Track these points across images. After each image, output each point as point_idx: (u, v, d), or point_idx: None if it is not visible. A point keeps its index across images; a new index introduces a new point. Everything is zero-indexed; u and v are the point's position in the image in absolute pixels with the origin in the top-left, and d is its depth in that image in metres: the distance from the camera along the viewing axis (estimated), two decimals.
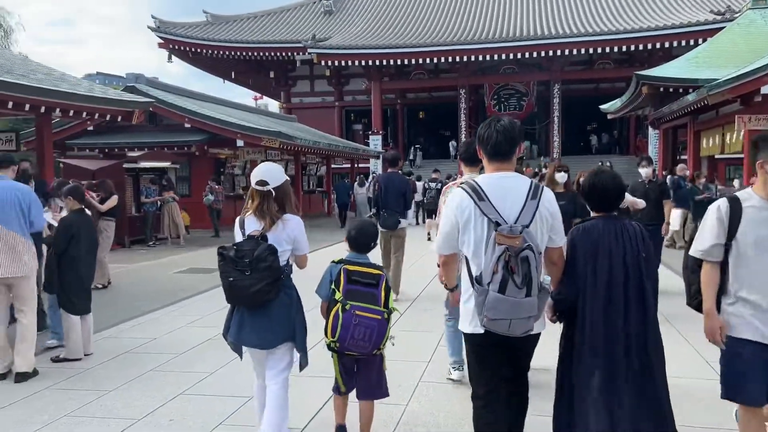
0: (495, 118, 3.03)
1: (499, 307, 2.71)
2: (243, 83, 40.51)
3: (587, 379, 2.94)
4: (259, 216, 3.44)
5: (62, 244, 5.61)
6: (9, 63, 10.69)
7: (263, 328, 3.44)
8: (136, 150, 17.72)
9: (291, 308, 3.51)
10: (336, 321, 3.34)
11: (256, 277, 3.30)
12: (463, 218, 2.89)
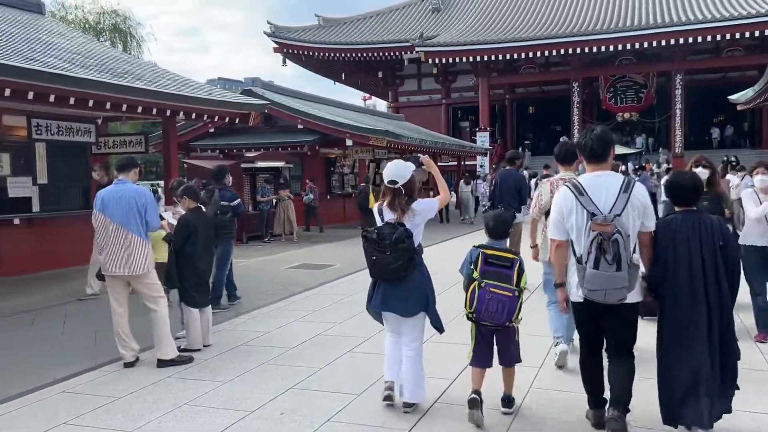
0: (590, 128, 3.75)
1: (595, 280, 3.45)
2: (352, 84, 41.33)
3: (673, 349, 3.56)
4: (392, 209, 4.18)
5: (180, 241, 5.92)
6: (140, 70, 11.49)
7: (403, 299, 4.16)
8: (252, 150, 18.53)
9: (424, 283, 4.23)
10: (473, 296, 3.93)
11: (395, 255, 4.01)
12: (566, 210, 3.63)
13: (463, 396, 4.18)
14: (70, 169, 11.57)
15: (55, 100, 8.34)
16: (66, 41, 11.68)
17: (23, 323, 7.29)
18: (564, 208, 3.64)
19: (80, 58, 10.18)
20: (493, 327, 4.04)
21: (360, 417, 4.19)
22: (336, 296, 8.41)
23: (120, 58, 12.82)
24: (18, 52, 8.57)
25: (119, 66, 10.93)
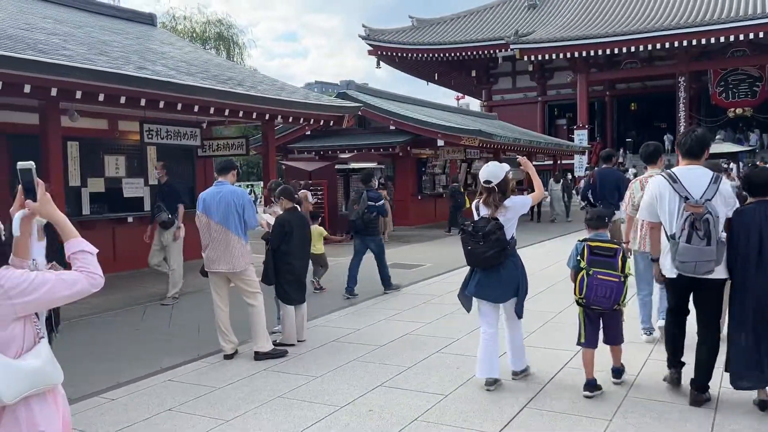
0: (692, 129, 4.32)
1: (687, 253, 3.97)
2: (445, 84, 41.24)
3: (741, 327, 4.05)
4: (486, 205, 4.69)
5: (276, 240, 6.17)
6: (241, 76, 12.05)
7: (496, 286, 4.63)
8: (346, 152, 18.94)
9: (517, 271, 4.68)
10: (582, 283, 4.42)
11: (488, 246, 4.50)
12: (659, 195, 4.22)
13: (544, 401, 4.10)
14: (178, 170, 12.31)
15: (165, 105, 8.91)
16: (175, 50, 12.44)
17: (135, 314, 7.86)
18: (657, 194, 4.24)
19: (187, 66, 10.81)
20: (600, 311, 4.49)
21: (447, 418, 4.21)
22: (425, 296, 8.46)
23: (223, 65, 13.50)
24: (131, 62, 9.23)
25: (223, 72, 11.51)
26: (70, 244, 2.10)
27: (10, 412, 1.96)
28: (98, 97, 7.99)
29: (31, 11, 10.87)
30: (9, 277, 1.91)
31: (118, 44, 10.59)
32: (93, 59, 8.34)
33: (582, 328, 4.57)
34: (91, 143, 10.78)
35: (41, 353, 2.02)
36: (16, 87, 7.15)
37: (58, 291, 2.00)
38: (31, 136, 9.04)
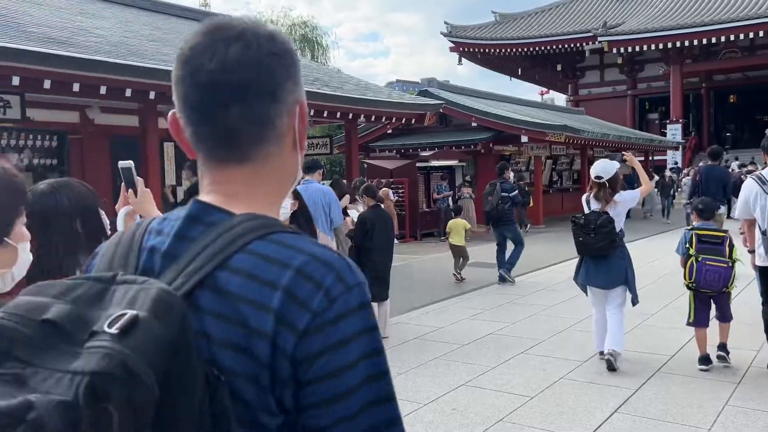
0: None
1: None
2: (529, 79, 40.38)
3: None
4: (597, 199, 5.08)
5: (359, 237, 6.25)
6: (326, 77, 12.29)
7: (604, 274, 5.05)
8: (427, 150, 18.92)
9: (624, 261, 5.05)
10: (692, 269, 4.81)
11: (599, 238, 4.92)
12: (751, 195, 4.70)
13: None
14: None
15: None
16: None
17: None
18: (749, 194, 4.72)
19: None
20: (710, 294, 4.87)
21: (533, 420, 4.12)
22: (509, 296, 8.32)
23: (309, 66, 13.81)
24: None
25: (309, 74, 11.78)
26: None
27: None
28: None
29: (131, 19, 11.52)
30: None
31: None
32: None
33: (692, 310, 4.98)
34: None
35: None
36: (119, 91, 7.61)
37: None
38: (130, 137, 9.60)
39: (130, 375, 0.65)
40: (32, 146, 8.75)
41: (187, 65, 0.85)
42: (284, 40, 0.90)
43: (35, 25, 8.22)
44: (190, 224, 0.84)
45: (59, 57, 6.87)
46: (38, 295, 0.75)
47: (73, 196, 2.00)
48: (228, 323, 0.77)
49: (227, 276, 0.78)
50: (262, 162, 0.87)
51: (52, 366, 0.67)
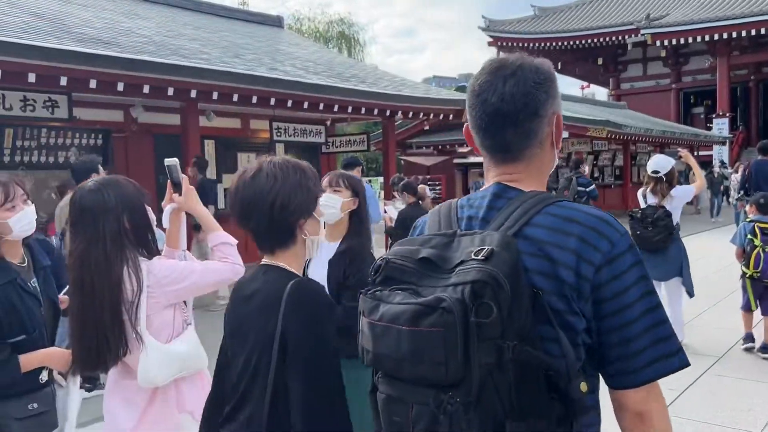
0: None
1: None
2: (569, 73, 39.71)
3: None
4: (654, 194, 5.28)
5: (400, 234, 6.24)
6: (363, 74, 12.30)
7: (661, 266, 5.15)
8: (465, 146, 18.80)
9: (680, 253, 5.26)
10: (758, 259, 5.01)
11: (656, 231, 5.10)
12: None
13: None
14: None
15: (292, 104, 9.29)
16: (301, 51, 12.94)
17: None
18: None
19: (314, 65, 11.20)
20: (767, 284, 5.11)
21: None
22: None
23: (346, 63, 13.85)
24: (263, 63, 9.71)
25: (346, 70, 11.81)
26: (212, 236, 2.23)
27: (162, 393, 2.11)
28: (233, 98, 8.48)
29: (174, 19, 11.73)
30: (161, 267, 2.06)
31: (251, 47, 11.17)
32: (228, 62, 8.86)
33: (751, 297, 5.22)
34: (225, 141, 11.46)
35: (189, 339, 2.15)
36: (162, 90, 7.75)
37: (204, 279, 2.13)
38: (172, 135, 9.78)
39: (496, 282, 1.06)
40: (78, 144, 8.99)
41: (478, 98, 1.27)
42: (545, 69, 1.30)
43: (82, 26, 8.44)
44: (496, 199, 1.28)
45: (105, 57, 7.03)
46: (410, 245, 1.23)
47: (120, 193, 2.04)
48: (538, 258, 1.17)
49: (533, 229, 1.19)
50: (528, 159, 1.29)
51: (432, 285, 1.13)
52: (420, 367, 1.09)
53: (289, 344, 1.49)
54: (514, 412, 1.06)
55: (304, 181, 1.64)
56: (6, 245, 2.20)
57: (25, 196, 2.25)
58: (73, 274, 2.00)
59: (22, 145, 8.42)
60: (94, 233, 1.97)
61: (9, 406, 2.12)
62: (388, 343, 1.12)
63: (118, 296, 1.97)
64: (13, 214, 2.18)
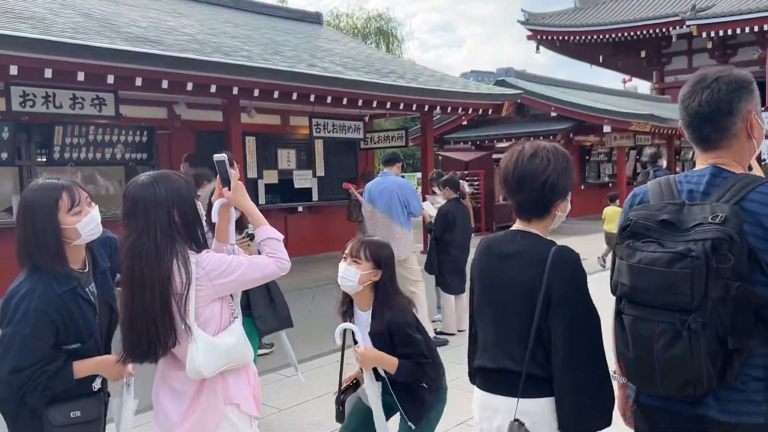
0: None
1: None
2: (611, 66, 38.87)
3: None
4: None
5: (439, 230, 6.22)
6: (402, 69, 12.28)
7: None
8: (503, 141, 18.61)
9: None
10: None
11: None
12: None
13: None
14: (342, 162, 12.87)
15: (331, 100, 9.34)
16: (340, 47, 12.98)
17: (305, 297, 8.36)
18: None
19: (352, 61, 11.23)
20: None
21: None
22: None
23: (384, 59, 13.85)
24: (303, 60, 9.77)
25: (384, 66, 11.81)
26: (260, 231, 2.25)
27: (209, 385, 2.14)
28: (273, 94, 8.58)
29: (215, 17, 11.90)
30: (210, 260, 2.10)
31: (291, 44, 11.26)
32: (269, 59, 8.95)
33: None
34: (265, 138, 11.59)
35: (236, 332, 2.18)
36: (205, 87, 7.89)
37: (252, 273, 2.16)
38: (214, 132, 9.94)
39: (731, 239, 1.53)
40: (124, 141, 9.22)
41: (683, 104, 1.80)
42: (739, 78, 1.77)
43: (129, 25, 8.63)
44: (714, 178, 1.72)
45: (150, 56, 7.19)
46: (647, 210, 1.71)
47: (171, 188, 2.08)
48: (753, 226, 1.60)
49: (748, 203, 1.62)
50: (727, 148, 1.75)
51: (673, 240, 1.60)
52: (671, 297, 1.55)
53: (553, 295, 1.88)
54: (733, 332, 1.52)
55: (569, 168, 2.02)
56: (71, 251, 2.19)
57: (89, 198, 2.25)
58: (125, 265, 2.05)
59: (71, 142, 8.68)
60: (146, 226, 2.02)
61: (51, 410, 2.11)
62: (647, 279, 1.60)
63: (168, 288, 2.01)
64: (80, 218, 2.17)
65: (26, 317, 2.04)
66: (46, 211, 2.11)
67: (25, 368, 2.03)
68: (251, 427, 2.23)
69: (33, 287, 2.08)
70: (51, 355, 2.09)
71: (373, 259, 2.68)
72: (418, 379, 2.64)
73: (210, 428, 2.13)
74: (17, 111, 7.33)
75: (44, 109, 7.50)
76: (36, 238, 2.11)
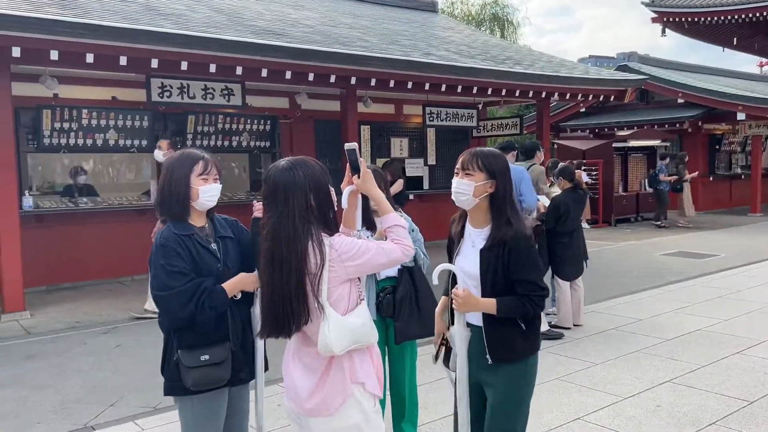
0: None
1: None
2: (746, 49, 35.75)
3: None
4: None
5: (551, 221, 6.05)
6: (518, 55, 12.02)
7: None
8: (624, 129, 17.72)
9: None
10: None
11: None
12: None
13: None
14: (454, 151, 12.82)
15: (446, 88, 9.33)
16: (455, 34, 12.91)
17: None
18: None
19: (467, 48, 11.14)
20: None
21: (753, 427, 3.73)
22: (720, 290, 7.56)
23: (500, 45, 13.61)
24: (419, 48, 9.83)
25: (500, 53, 11.62)
26: (385, 218, 2.32)
27: (337, 363, 2.24)
28: (389, 83, 8.71)
29: (335, 9, 12.22)
30: (342, 243, 2.19)
31: (407, 33, 11.35)
32: (386, 48, 9.08)
33: None
34: (379, 127, 11.79)
35: (362, 313, 2.27)
36: (325, 77, 8.15)
37: (379, 258, 2.23)
38: (331, 121, 10.24)
39: None
40: (249, 130, 9.73)
41: None
42: None
43: (255, 19, 9.08)
44: None
45: (276, 47, 7.53)
46: None
47: (309, 173, 2.19)
48: None
49: None
50: None
51: None
52: None
53: None
54: None
55: None
56: (193, 212, 2.57)
57: (218, 176, 2.63)
58: (265, 245, 2.18)
59: (201, 131, 9.29)
60: (285, 208, 2.14)
61: (184, 355, 2.46)
62: None
63: (303, 268, 2.12)
64: (204, 185, 2.55)
65: (158, 253, 2.46)
66: (184, 170, 2.53)
67: (177, 286, 2.40)
68: (374, 406, 2.30)
69: (161, 234, 2.51)
70: (197, 278, 2.45)
71: (486, 169, 2.47)
72: (523, 315, 2.43)
73: (337, 404, 2.23)
74: (156, 101, 7.94)
75: (179, 100, 8.06)
76: (171, 187, 2.52)
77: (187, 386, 2.45)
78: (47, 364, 5.26)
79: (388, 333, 3.37)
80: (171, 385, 2.51)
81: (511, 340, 2.45)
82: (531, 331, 2.48)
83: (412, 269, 3.39)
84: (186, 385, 2.45)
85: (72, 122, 8.13)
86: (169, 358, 2.53)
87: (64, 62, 6.60)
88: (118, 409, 4.29)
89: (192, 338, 2.47)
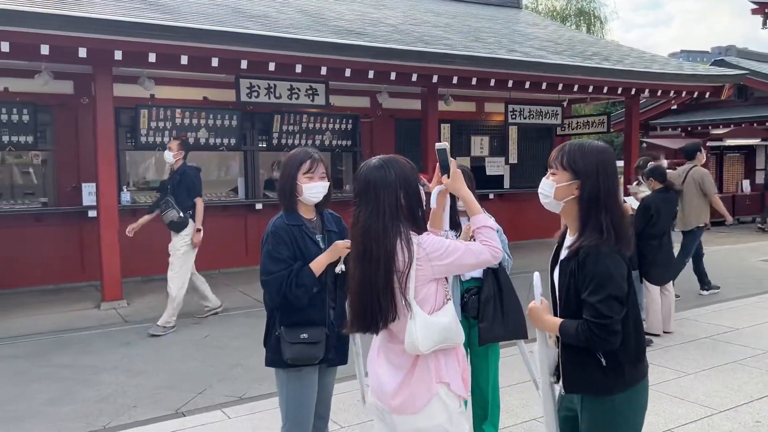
0: None
1: None
2: None
3: None
4: None
5: (641, 223, 5.79)
6: (606, 51, 11.61)
7: None
8: (720, 127, 16.77)
9: None
10: None
11: None
12: None
13: None
14: (536, 149, 12.55)
15: (530, 86, 9.14)
16: (539, 30, 12.63)
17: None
18: None
19: (552, 44, 10.87)
20: None
21: None
22: None
23: (586, 41, 13.20)
24: (503, 45, 9.68)
25: (587, 48, 11.27)
26: (474, 219, 2.29)
27: (423, 361, 2.23)
28: (471, 81, 8.62)
29: (416, 7, 12.23)
30: (430, 242, 2.18)
31: (490, 30, 11.21)
32: (470, 46, 9.00)
33: None
34: (459, 125, 11.70)
35: (449, 313, 2.25)
36: (407, 76, 8.17)
37: (466, 259, 2.21)
38: (412, 119, 10.25)
39: None
40: (331, 129, 9.89)
41: None
42: None
43: (337, 19, 9.21)
44: None
45: (358, 47, 7.61)
46: None
47: (399, 172, 2.20)
48: None
49: None
50: None
51: None
52: None
53: None
54: None
55: None
56: (300, 206, 2.83)
57: (325, 174, 2.85)
58: (356, 241, 2.21)
59: (286, 130, 9.54)
60: (376, 205, 2.16)
61: (286, 331, 2.75)
62: None
63: (392, 265, 2.14)
64: (308, 183, 2.79)
65: (267, 239, 2.76)
66: (293, 168, 2.81)
67: (276, 271, 2.70)
68: (459, 406, 2.29)
69: (273, 222, 2.81)
70: (292, 263, 2.72)
71: (571, 168, 2.12)
72: (588, 346, 2.03)
73: (422, 403, 2.22)
74: (244, 101, 8.21)
75: (266, 100, 8.30)
76: (283, 182, 2.83)
77: (285, 359, 2.73)
78: (142, 350, 5.56)
79: (471, 334, 3.34)
80: (272, 358, 2.81)
81: (587, 371, 2.09)
82: (612, 367, 2.06)
83: (496, 270, 3.33)
84: (284, 357, 2.73)
85: (167, 121, 8.55)
86: (271, 333, 2.82)
87: (160, 64, 6.94)
88: (206, 397, 4.47)
89: (295, 317, 2.76)
